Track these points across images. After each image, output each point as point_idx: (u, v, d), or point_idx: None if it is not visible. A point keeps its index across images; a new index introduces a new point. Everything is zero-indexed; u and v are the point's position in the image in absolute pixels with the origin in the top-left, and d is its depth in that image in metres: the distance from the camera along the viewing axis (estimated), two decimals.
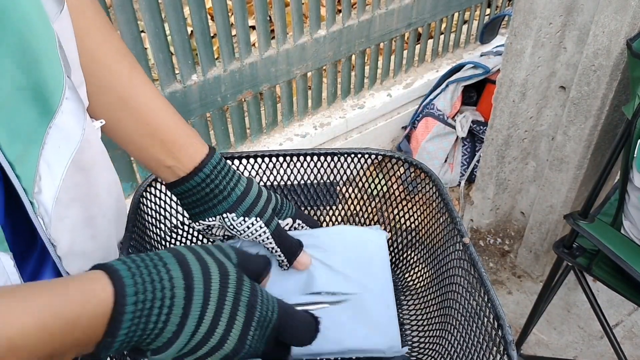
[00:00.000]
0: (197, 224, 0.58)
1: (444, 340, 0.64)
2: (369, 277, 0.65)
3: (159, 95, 0.56)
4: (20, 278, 0.38)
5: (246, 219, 0.57)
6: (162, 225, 0.74)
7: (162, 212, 0.73)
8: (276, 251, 0.60)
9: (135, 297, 0.36)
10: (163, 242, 0.74)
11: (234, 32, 1.39)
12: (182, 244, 0.78)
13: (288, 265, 0.62)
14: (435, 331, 0.67)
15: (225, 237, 0.62)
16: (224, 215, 0.57)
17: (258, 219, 0.58)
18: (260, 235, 0.58)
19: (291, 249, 0.61)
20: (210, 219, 0.57)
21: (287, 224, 0.63)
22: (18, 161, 0.37)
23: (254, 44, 1.47)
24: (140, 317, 0.37)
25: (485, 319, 0.54)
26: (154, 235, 0.72)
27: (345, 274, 0.63)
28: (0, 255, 0.36)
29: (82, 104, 0.45)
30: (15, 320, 0.31)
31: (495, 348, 0.52)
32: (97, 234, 0.49)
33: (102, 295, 0.35)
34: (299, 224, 0.65)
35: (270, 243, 0.59)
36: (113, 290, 0.36)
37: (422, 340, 0.69)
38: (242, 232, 0.58)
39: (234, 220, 0.57)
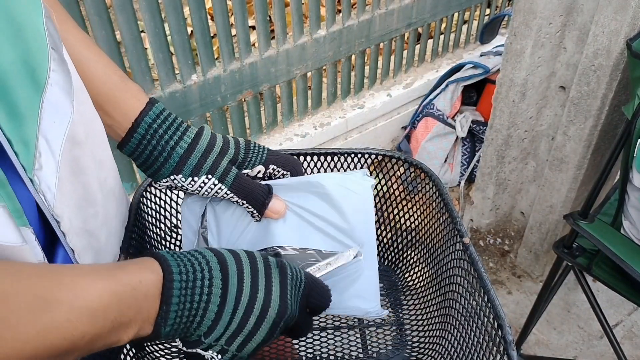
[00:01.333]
0: (158, 184, 0.55)
1: (444, 340, 0.64)
2: (351, 234, 0.59)
3: (91, 43, 0.50)
4: (42, 252, 0.40)
5: (195, 178, 0.53)
6: (162, 225, 0.74)
7: (162, 212, 0.73)
8: (242, 204, 0.55)
9: (179, 275, 0.41)
10: (163, 242, 0.74)
11: (234, 32, 1.39)
12: (182, 244, 0.78)
13: (259, 216, 0.57)
14: (435, 331, 0.67)
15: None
16: (171, 177, 0.53)
17: (209, 176, 0.53)
18: (217, 192, 0.54)
19: (259, 199, 0.56)
20: (163, 181, 0.54)
21: (259, 172, 0.58)
22: (17, 138, 0.37)
23: (254, 44, 1.47)
24: (187, 289, 0.41)
25: (485, 319, 0.54)
26: (154, 235, 0.72)
27: (325, 231, 0.59)
28: (22, 230, 0.37)
29: (70, 75, 0.44)
30: (92, 288, 0.36)
31: (495, 348, 0.52)
32: (98, 209, 0.48)
33: (154, 269, 0.41)
34: (274, 169, 0.58)
35: (232, 197, 0.55)
36: (161, 268, 0.41)
37: (422, 340, 0.69)
38: (196, 191, 0.54)
39: (182, 181, 0.53)
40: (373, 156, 0.75)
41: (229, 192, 0.54)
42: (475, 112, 1.97)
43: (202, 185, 0.53)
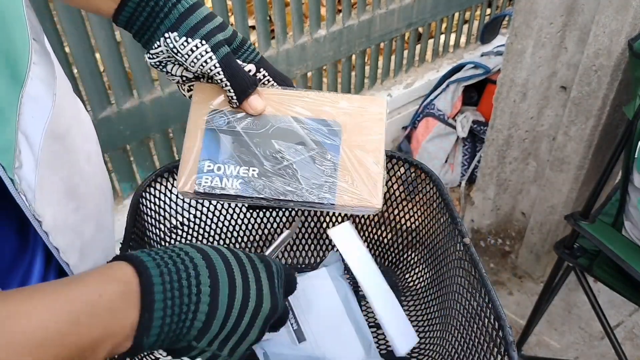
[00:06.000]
0: (148, 55, 0.52)
1: (445, 341, 0.64)
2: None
3: None
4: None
5: (189, 39, 0.50)
6: (162, 226, 0.74)
7: (162, 212, 0.73)
8: (225, 85, 0.52)
9: (161, 276, 0.37)
10: (162, 243, 0.74)
11: None
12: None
13: (237, 103, 0.54)
14: (435, 332, 0.67)
15: (184, 77, 0.55)
16: (166, 35, 0.50)
17: (203, 41, 0.50)
18: (206, 62, 0.50)
19: (242, 85, 0.53)
20: (155, 45, 0.51)
21: (250, 71, 0.55)
22: None
23: (253, 44, 1.46)
24: (172, 290, 0.37)
25: (486, 320, 0.54)
26: (154, 235, 0.72)
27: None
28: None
29: (52, 66, 0.42)
30: (35, 316, 0.31)
31: (496, 349, 0.52)
32: (81, 205, 0.47)
33: (119, 276, 0.36)
34: (263, 75, 0.56)
35: (218, 73, 0.51)
36: (136, 272, 0.37)
37: (422, 340, 0.69)
38: (185, 56, 0.50)
39: (176, 42, 0.50)
40: None
41: (217, 65, 0.51)
42: (476, 112, 1.96)
43: (194, 49, 0.50)
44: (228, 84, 0.52)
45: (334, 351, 0.64)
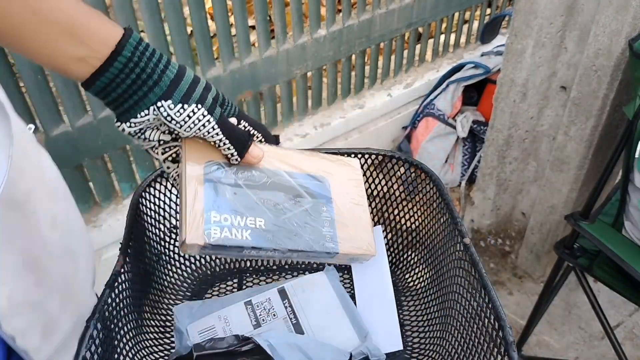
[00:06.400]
0: (128, 124, 0.48)
1: (445, 341, 0.64)
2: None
3: None
4: None
5: (185, 106, 0.48)
6: (162, 226, 0.74)
7: (161, 212, 0.73)
8: (224, 143, 0.52)
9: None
10: (162, 243, 0.74)
11: (233, 32, 1.39)
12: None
13: (239, 159, 0.54)
14: (435, 332, 0.67)
15: (161, 141, 0.52)
16: (158, 104, 0.47)
17: (199, 105, 0.48)
18: (204, 125, 0.49)
19: (240, 140, 0.52)
20: (142, 114, 0.47)
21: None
22: None
23: (253, 44, 1.46)
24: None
25: (486, 320, 0.54)
26: (154, 235, 0.72)
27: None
28: None
29: (8, 124, 0.38)
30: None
31: (496, 349, 0.52)
32: (44, 277, 0.43)
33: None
34: (244, 127, 0.56)
35: (217, 134, 0.50)
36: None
37: (422, 341, 0.69)
38: (181, 123, 0.48)
39: (170, 110, 0.47)
40: (373, 156, 0.74)
41: (215, 126, 0.50)
42: (476, 112, 1.96)
43: (191, 115, 0.48)
44: (227, 142, 0.51)
45: (331, 342, 0.65)
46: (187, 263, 0.78)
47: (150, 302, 0.70)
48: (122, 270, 0.59)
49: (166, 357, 0.66)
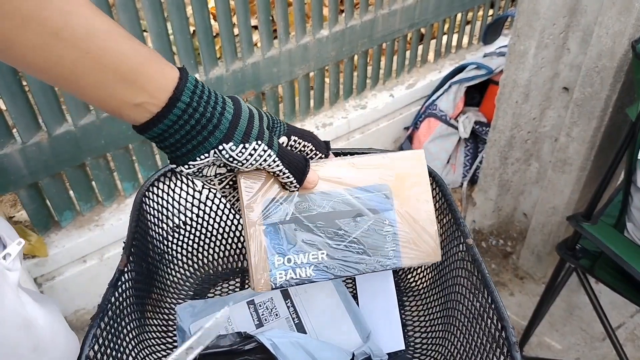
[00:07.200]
0: (186, 166, 0.47)
1: (447, 341, 0.64)
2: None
3: (103, 15, 0.41)
4: None
5: (246, 145, 0.47)
6: (164, 225, 0.74)
7: (165, 211, 0.73)
8: (284, 173, 0.52)
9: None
10: (165, 242, 0.74)
11: (236, 32, 1.39)
12: (185, 244, 0.78)
13: (298, 186, 0.54)
14: (438, 332, 0.67)
15: (218, 175, 0.53)
16: (219, 147, 0.46)
17: (259, 142, 0.48)
18: (265, 160, 0.49)
19: (299, 167, 0.52)
20: (202, 157, 0.46)
21: (283, 143, 0.54)
22: None
23: (256, 44, 1.47)
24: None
25: (489, 321, 0.54)
26: (156, 235, 0.72)
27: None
28: None
29: None
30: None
31: (498, 350, 0.52)
32: None
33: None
34: (294, 141, 0.55)
35: (278, 166, 0.50)
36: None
37: (425, 341, 0.69)
38: (243, 162, 0.48)
39: (232, 151, 0.47)
40: None
41: (276, 159, 0.50)
42: (478, 113, 1.96)
43: (253, 152, 0.48)
44: (286, 172, 0.52)
45: (333, 342, 0.65)
46: (190, 262, 0.78)
47: (153, 301, 0.70)
48: (126, 269, 0.59)
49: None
